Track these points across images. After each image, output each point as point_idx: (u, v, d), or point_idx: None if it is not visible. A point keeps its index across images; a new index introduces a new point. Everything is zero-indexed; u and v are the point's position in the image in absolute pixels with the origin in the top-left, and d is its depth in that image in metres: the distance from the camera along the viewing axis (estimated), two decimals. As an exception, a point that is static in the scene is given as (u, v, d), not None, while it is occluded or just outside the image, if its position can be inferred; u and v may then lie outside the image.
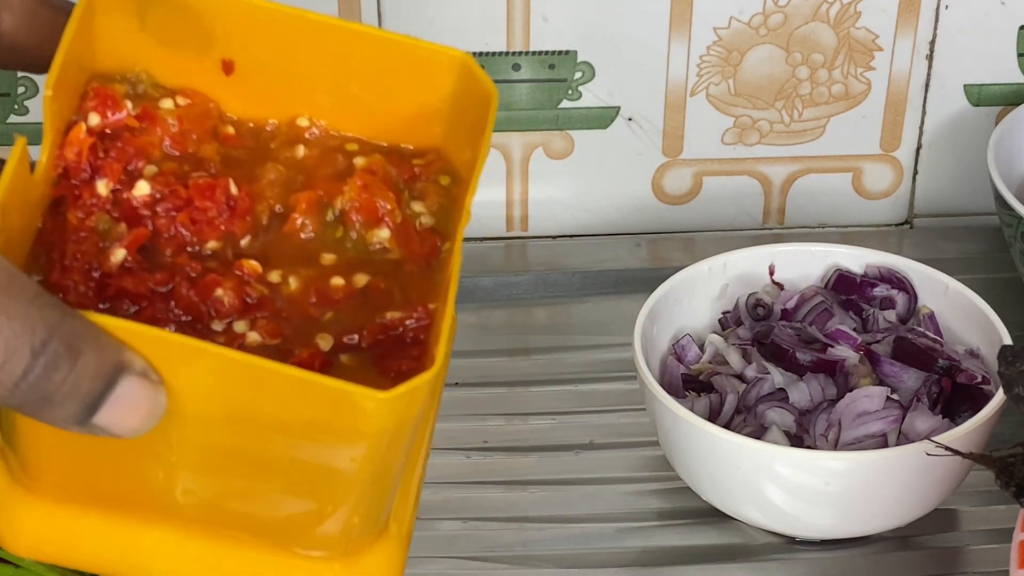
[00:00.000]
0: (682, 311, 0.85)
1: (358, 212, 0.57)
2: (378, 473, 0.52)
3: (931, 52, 0.98)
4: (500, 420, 0.88)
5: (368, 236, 0.57)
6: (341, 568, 0.55)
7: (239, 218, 0.56)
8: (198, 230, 0.55)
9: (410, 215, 0.58)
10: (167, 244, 0.55)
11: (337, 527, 0.54)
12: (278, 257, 0.56)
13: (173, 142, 0.57)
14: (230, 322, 0.53)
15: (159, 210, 0.55)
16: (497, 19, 0.95)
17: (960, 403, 0.79)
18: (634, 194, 1.02)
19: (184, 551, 0.55)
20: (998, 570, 0.77)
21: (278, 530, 0.54)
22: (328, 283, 0.55)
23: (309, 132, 0.59)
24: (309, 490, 0.53)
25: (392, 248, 0.57)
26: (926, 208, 1.04)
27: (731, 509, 0.79)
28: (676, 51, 0.97)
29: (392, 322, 0.55)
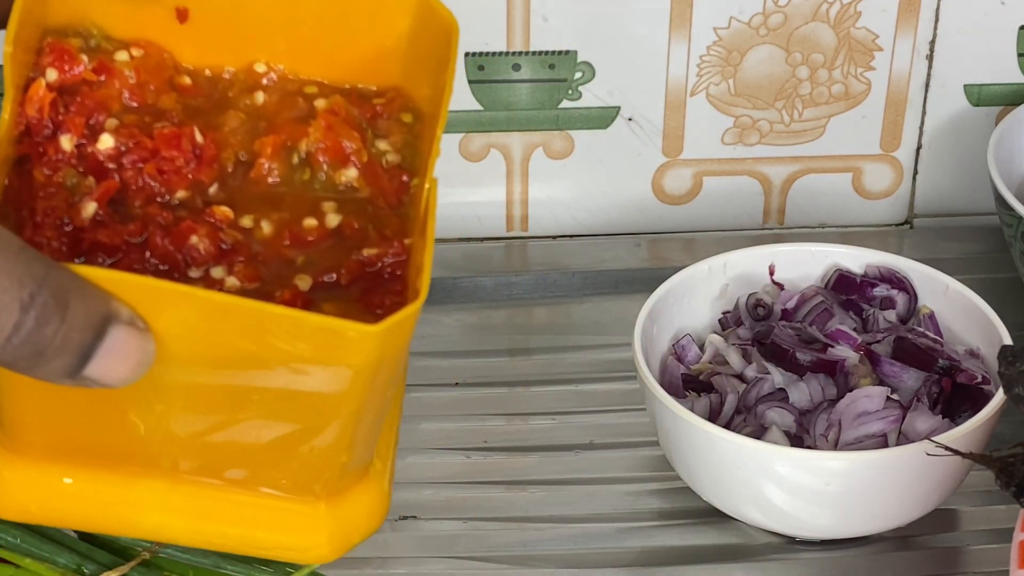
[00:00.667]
0: (682, 311, 0.85)
1: (324, 153, 0.57)
2: (365, 407, 0.52)
3: (931, 52, 0.98)
4: (500, 420, 0.88)
5: (336, 176, 0.57)
6: (328, 508, 0.55)
7: (206, 166, 0.56)
8: (166, 180, 0.55)
9: (376, 153, 0.58)
10: (136, 196, 0.55)
11: (325, 466, 0.54)
12: (247, 203, 0.56)
13: (132, 94, 0.57)
14: (207, 269, 0.53)
15: (125, 162, 0.55)
16: (497, 19, 0.95)
17: (960, 403, 0.79)
18: (634, 194, 1.02)
19: (172, 502, 0.55)
20: (998, 570, 0.77)
21: (265, 473, 0.54)
22: (301, 225, 0.55)
23: (267, 78, 0.59)
24: (297, 430, 0.52)
25: (361, 187, 0.57)
26: (926, 208, 1.04)
27: (731, 509, 0.79)
28: (676, 51, 0.97)
29: (369, 259, 0.54)
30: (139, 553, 0.67)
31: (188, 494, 0.55)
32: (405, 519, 0.81)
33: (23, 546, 0.66)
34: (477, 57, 0.96)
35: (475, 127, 0.98)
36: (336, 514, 0.56)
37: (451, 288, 0.97)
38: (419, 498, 0.82)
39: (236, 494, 0.55)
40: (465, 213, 1.01)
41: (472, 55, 0.96)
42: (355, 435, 0.53)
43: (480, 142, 0.99)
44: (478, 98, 0.97)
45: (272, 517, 0.55)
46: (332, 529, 0.56)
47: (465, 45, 0.96)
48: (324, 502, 0.55)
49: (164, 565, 0.67)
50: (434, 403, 0.88)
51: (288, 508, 0.55)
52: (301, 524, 0.55)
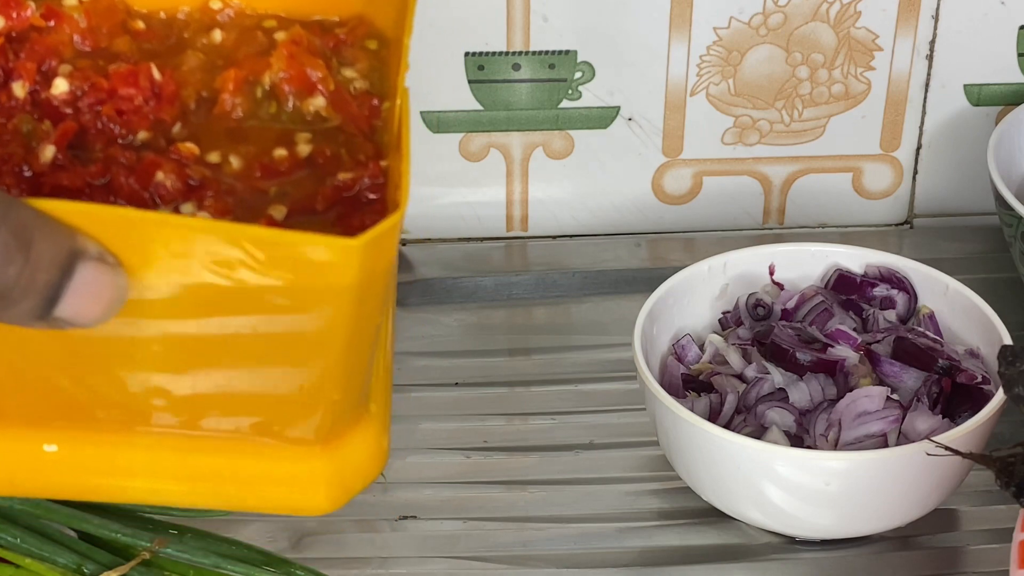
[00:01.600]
0: (682, 311, 0.85)
1: (289, 83, 0.55)
2: (353, 337, 0.50)
3: (931, 52, 0.98)
4: (500, 420, 0.88)
5: (304, 106, 0.55)
6: (324, 452, 0.53)
7: (166, 103, 0.54)
8: (126, 121, 0.53)
9: (342, 81, 0.56)
10: (96, 139, 0.53)
11: (317, 406, 0.52)
12: (213, 139, 0.54)
13: (83, 38, 0.55)
14: (176, 206, 0.51)
15: (82, 106, 0.53)
16: (497, 19, 0.95)
17: (960, 403, 0.79)
18: (634, 194, 1.02)
19: (161, 464, 0.53)
20: (998, 570, 0.77)
21: (257, 421, 0.52)
22: (271, 156, 0.53)
23: (223, 14, 0.57)
24: (285, 366, 0.50)
25: (330, 115, 0.55)
26: (926, 208, 1.04)
27: (731, 509, 0.79)
28: (676, 51, 0.97)
29: (345, 183, 0.53)
30: (139, 553, 0.67)
31: (178, 455, 0.52)
32: (405, 519, 0.81)
33: (23, 546, 0.66)
34: (477, 57, 0.96)
35: (475, 127, 0.98)
36: (334, 461, 0.53)
37: (451, 288, 0.97)
38: (419, 498, 0.82)
39: (228, 449, 0.52)
40: (465, 213, 1.01)
41: (472, 55, 0.96)
42: (346, 369, 0.51)
43: (480, 142, 0.99)
44: (478, 98, 0.97)
45: (267, 470, 0.53)
46: (331, 477, 0.53)
47: (465, 45, 0.96)
48: (320, 448, 0.53)
49: (164, 565, 0.67)
50: (434, 403, 0.88)
51: (283, 458, 0.53)
52: (298, 474, 0.53)
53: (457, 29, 0.95)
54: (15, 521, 0.66)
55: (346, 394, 0.52)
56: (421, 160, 0.99)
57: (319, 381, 0.51)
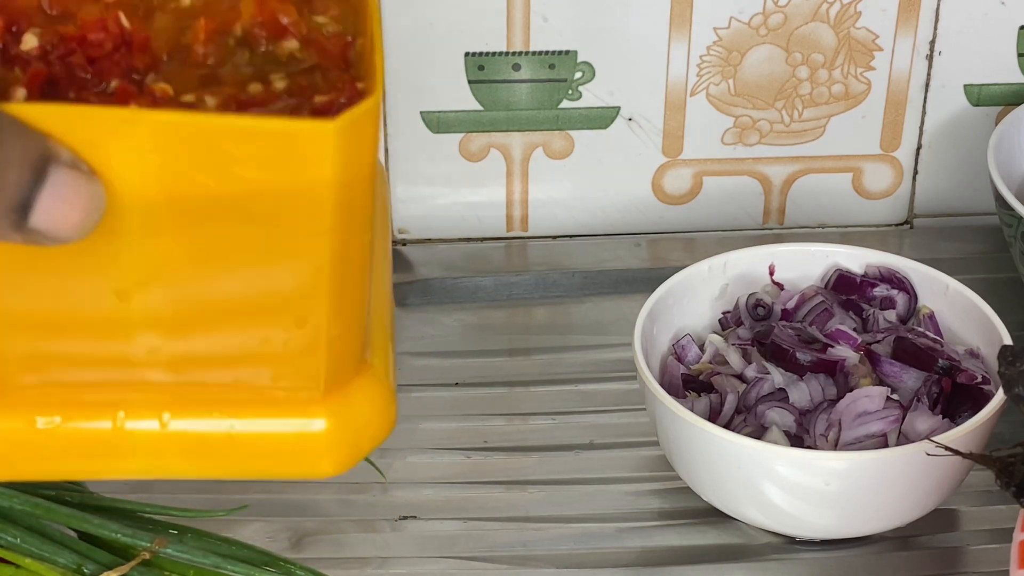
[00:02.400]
0: (682, 311, 0.85)
1: (260, 28, 0.54)
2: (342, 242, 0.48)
3: (931, 52, 0.98)
4: (500, 420, 0.88)
5: (277, 50, 0.54)
6: (328, 406, 0.52)
7: (139, 51, 0.53)
8: (97, 69, 0.52)
9: (315, 26, 0.55)
10: (68, 87, 0.51)
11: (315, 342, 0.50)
12: (188, 85, 0.52)
13: (52, 3, 0.54)
14: None
15: (53, 59, 0.52)
16: (497, 19, 0.95)
17: (960, 403, 0.79)
18: (634, 194, 1.02)
19: (162, 435, 0.51)
20: (998, 570, 0.77)
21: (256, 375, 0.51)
22: (247, 91, 0.52)
23: None
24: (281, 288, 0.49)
25: (304, 56, 0.54)
26: (926, 208, 1.04)
27: (731, 509, 0.79)
28: (676, 51, 0.97)
29: (323, 105, 0.51)
30: (139, 553, 0.67)
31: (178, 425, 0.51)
32: (405, 519, 0.81)
33: (23, 546, 0.66)
34: (477, 57, 0.96)
35: (475, 127, 0.98)
36: (339, 416, 0.52)
37: (451, 288, 0.97)
38: (419, 498, 0.82)
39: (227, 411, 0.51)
40: (465, 213, 1.01)
41: (472, 55, 0.96)
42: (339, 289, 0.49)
43: (480, 142, 0.99)
44: (478, 98, 0.97)
45: (273, 436, 0.51)
46: (337, 434, 0.52)
47: (465, 45, 0.96)
48: (323, 402, 0.52)
49: (164, 565, 0.67)
50: (434, 403, 0.88)
51: (288, 422, 0.51)
52: (306, 436, 0.52)
53: (457, 29, 0.95)
54: (15, 521, 0.66)
55: (344, 330, 0.51)
56: (421, 160, 0.99)
57: (314, 308, 0.49)
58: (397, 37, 0.95)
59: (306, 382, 0.51)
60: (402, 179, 1.00)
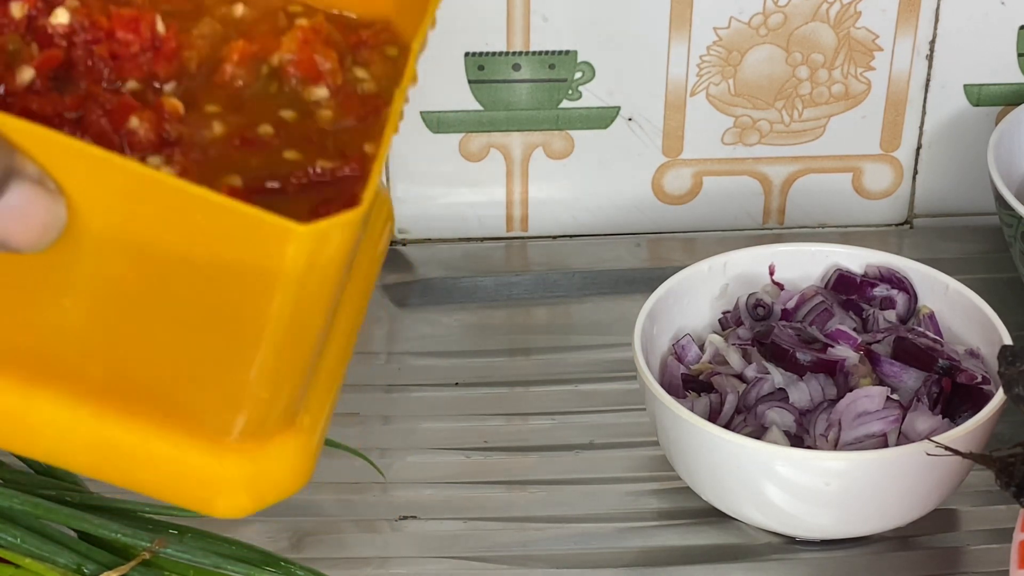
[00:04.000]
0: (682, 311, 0.85)
1: (296, 67, 0.53)
2: (289, 329, 0.48)
3: (931, 52, 0.98)
4: (500, 420, 0.88)
5: (304, 93, 0.53)
6: (243, 457, 0.51)
7: (164, 59, 0.52)
8: (118, 66, 0.52)
9: (352, 79, 0.54)
10: (83, 76, 0.51)
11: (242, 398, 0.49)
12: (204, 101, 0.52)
13: None
14: (143, 157, 0.49)
15: (77, 41, 0.51)
16: (497, 19, 0.95)
17: (960, 403, 0.79)
18: (634, 194, 1.02)
19: (75, 425, 0.50)
20: (998, 570, 0.77)
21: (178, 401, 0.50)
22: (255, 130, 0.51)
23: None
24: (215, 344, 0.48)
25: (329, 108, 0.53)
26: (926, 208, 1.04)
27: (731, 509, 0.79)
28: (676, 51, 0.97)
29: (323, 172, 0.50)
30: (139, 553, 0.67)
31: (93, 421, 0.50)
32: (405, 519, 0.81)
33: (23, 546, 0.66)
34: (477, 57, 0.96)
35: (475, 127, 0.98)
36: (249, 466, 0.51)
37: (451, 288, 0.97)
38: (419, 498, 0.82)
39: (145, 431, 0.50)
40: (465, 213, 1.02)
41: (472, 55, 0.96)
42: (277, 365, 0.49)
43: (480, 142, 0.99)
44: (478, 98, 0.97)
45: (181, 458, 0.51)
46: (242, 481, 0.51)
47: (465, 45, 0.96)
48: (238, 450, 0.51)
49: (164, 565, 0.67)
50: (434, 403, 0.88)
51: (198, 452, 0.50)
52: (212, 470, 0.51)
53: (457, 29, 0.95)
54: (15, 521, 0.66)
55: (274, 394, 0.50)
56: (421, 160, 0.99)
57: (247, 369, 0.48)
58: (397, 37, 0.95)
59: (225, 428, 0.51)
60: (402, 179, 1.00)
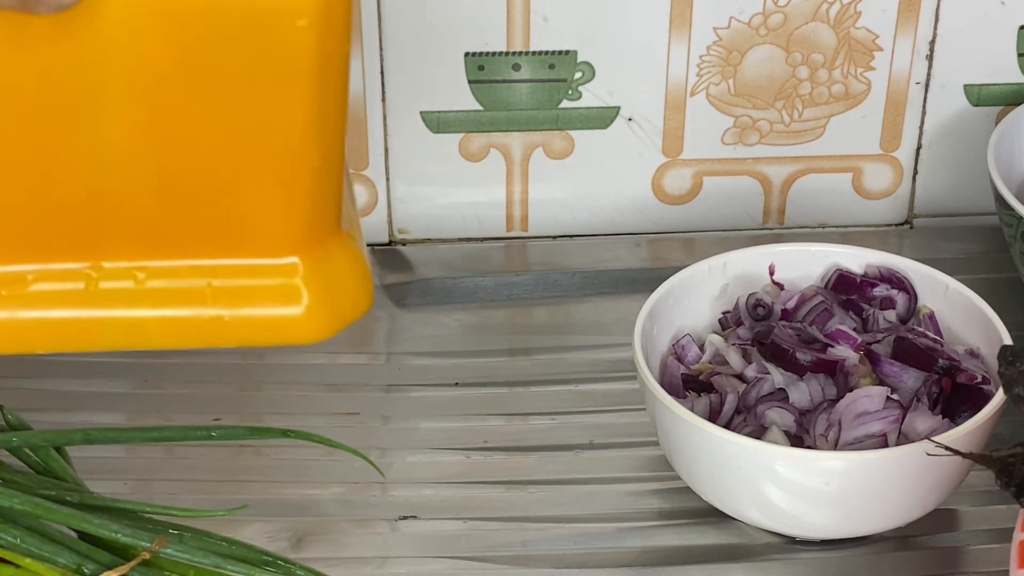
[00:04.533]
0: (682, 311, 0.85)
1: None
2: (324, 71, 0.47)
3: (931, 52, 0.98)
4: (500, 420, 0.88)
5: None
6: (309, 264, 0.50)
7: None
8: None
9: None
10: None
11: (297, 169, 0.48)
12: None
13: None
14: None
15: None
16: (497, 19, 0.95)
17: (960, 403, 0.79)
18: (634, 194, 1.02)
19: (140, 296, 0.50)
20: (998, 570, 0.77)
21: (241, 216, 0.49)
22: None
23: None
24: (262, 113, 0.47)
25: None
26: (926, 208, 1.04)
27: (731, 509, 0.79)
28: (676, 51, 0.97)
29: None
30: (139, 553, 0.67)
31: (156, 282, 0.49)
32: (405, 519, 0.81)
33: (23, 546, 0.66)
34: (477, 57, 0.96)
35: (475, 127, 0.98)
36: (318, 275, 0.51)
37: (451, 288, 0.97)
38: (419, 498, 0.82)
39: (208, 269, 0.50)
40: (465, 213, 1.02)
41: (472, 55, 0.96)
42: (321, 116, 0.48)
43: (480, 142, 0.99)
44: (478, 98, 0.97)
45: (251, 289, 0.50)
46: (318, 295, 0.51)
47: (465, 45, 0.96)
48: (302, 259, 0.50)
49: (164, 565, 0.67)
50: (434, 403, 0.89)
51: (266, 273, 0.50)
52: (285, 291, 0.50)
53: (457, 29, 0.95)
54: (15, 521, 0.66)
55: (325, 162, 0.49)
56: (421, 160, 0.99)
57: (294, 131, 0.48)
58: (397, 37, 0.95)
59: (286, 226, 0.50)
60: (402, 179, 1.00)
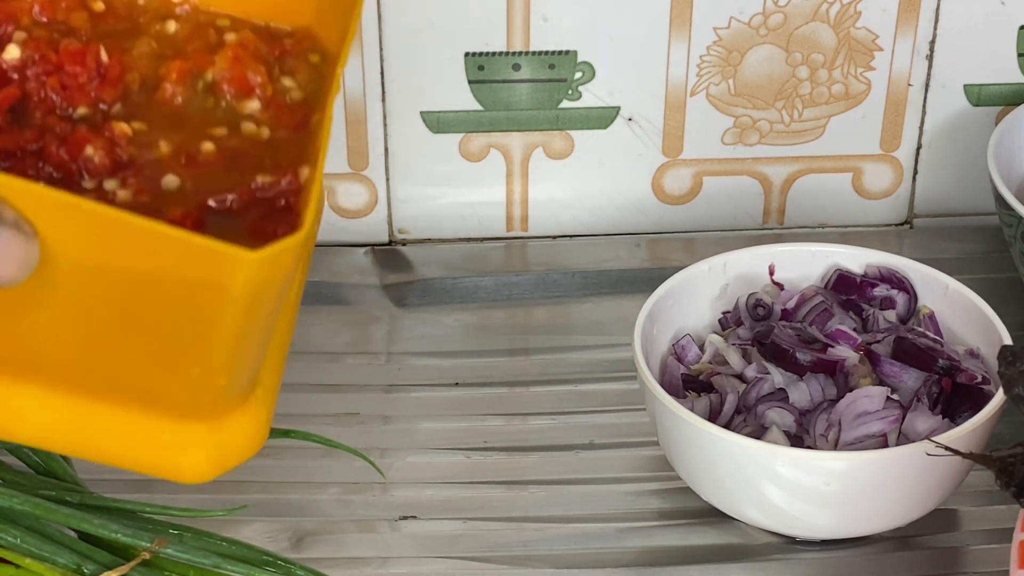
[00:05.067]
0: (682, 311, 0.85)
1: (229, 84, 0.58)
2: (244, 332, 0.53)
3: (931, 52, 0.98)
4: (500, 420, 0.88)
5: (239, 107, 0.58)
6: (206, 429, 0.56)
7: (109, 85, 0.57)
8: (68, 95, 0.56)
9: (280, 89, 0.59)
10: (37, 107, 0.56)
11: (203, 387, 0.54)
12: (150, 124, 0.57)
13: (42, 9, 0.58)
14: (100, 181, 0.54)
15: (29, 74, 0.56)
16: (497, 19, 0.95)
17: (960, 403, 0.79)
18: (634, 194, 1.02)
19: (52, 410, 0.55)
20: (998, 570, 0.77)
21: (145, 389, 0.55)
22: (198, 147, 0.56)
23: (180, 8, 0.61)
24: (177, 348, 0.53)
25: (262, 119, 0.58)
26: (926, 208, 1.04)
27: (731, 509, 0.79)
28: (676, 51, 0.97)
29: (262, 186, 0.55)
30: (139, 553, 0.67)
31: (69, 405, 0.55)
32: (405, 519, 0.81)
33: (23, 546, 0.66)
34: (477, 57, 0.96)
35: (475, 127, 0.98)
36: (214, 436, 0.56)
37: (451, 288, 0.97)
38: (419, 498, 0.82)
39: (116, 410, 0.55)
40: (465, 213, 1.02)
41: (472, 55, 0.96)
42: (233, 359, 0.54)
43: (480, 142, 0.99)
44: (478, 98, 0.97)
45: (150, 435, 0.56)
46: (209, 449, 0.56)
47: (465, 45, 0.96)
48: (203, 424, 0.56)
49: (164, 565, 0.67)
50: (434, 403, 0.89)
51: (166, 427, 0.56)
52: (178, 443, 0.56)
53: (457, 29, 0.95)
54: (15, 521, 0.66)
55: (232, 380, 0.55)
56: (421, 160, 0.99)
57: (207, 365, 0.53)
58: (397, 37, 0.95)
59: (189, 409, 0.56)
60: (402, 179, 1.00)
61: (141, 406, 0.55)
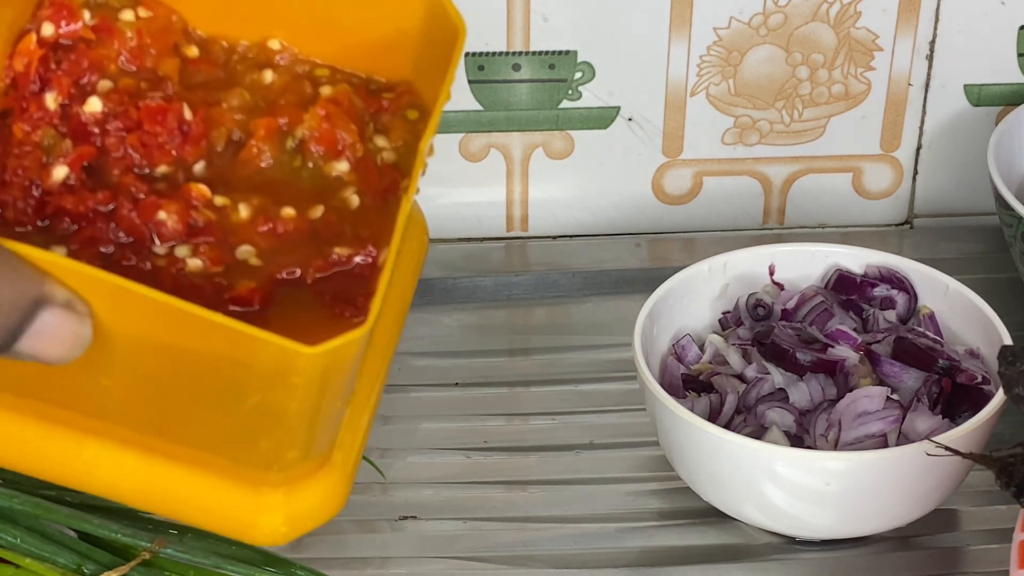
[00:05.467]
0: (682, 311, 0.85)
1: (317, 143, 0.56)
2: (311, 414, 0.51)
3: (931, 52, 0.98)
4: (500, 420, 0.88)
5: (326, 168, 0.56)
6: (280, 496, 0.55)
7: (192, 144, 0.55)
8: (148, 153, 0.54)
9: (372, 150, 0.57)
10: (115, 164, 0.54)
11: (273, 459, 0.53)
12: (231, 184, 0.54)
13: (130, 57, 0.55)
14: (172, 246, 0.52)
15: (109, 128, 0.54)
16: (497, 19, 0.95)
17: (960, 403, 0.79)
18: (634, 194, 1.02)
19: (123, 465, 0.54)
20: (998, 570, 0.77)
21: (215, 455, 0.53)
22: (279, 213, 0.54)
23: (280, 56, 0.58)
24: (242, 425, 0.52)
25: (350, 181, 0.56)
26: (926, 208, 1.04)
27: (731, 509, 0.79)
28: (676, 51, 0.97)
29: (339, 260, 0.53)
30: (139, 553, 0.67)
31: (139, 461, 0.54)
32: (405, 519, 0.81)
33: (23, 546, 0.66)
34: (477, 57, 0.96)
35: (475, 127, 0.98)
36: (289, 500, 0.55)
37: (451, 288, 0.97)
38: (419, 498, 0.82)
39: (187, 470, 0.54)
40: (465, 213, 1.01)
41: (472, 55, 0.96)
42: (302, 436, 0.52)
43: (480, 142, 0.99)
44: (478, 98, 0.97)
45: (224, 497, 0.54)
46: (284, 514, 0.55)
47: (465, 45, 0.96)
48: (278, 489, 0.54)
49: (164, 565, 0.67)
50: (434, 403, 0.88)
51: (240, 490, 0.54)
52: (254, 506, 0.54)
53: (457, 29, 0.95)
54: (15, 521, 0.66)
55: (303, 453, 0.53)
56: (421, 160, 0.99)
57: (274, 442, 0.52)
58: (397, 37, 0.95)
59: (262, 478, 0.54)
60: (402, 179, 1.00)
61: (214, 470, 0.54)
